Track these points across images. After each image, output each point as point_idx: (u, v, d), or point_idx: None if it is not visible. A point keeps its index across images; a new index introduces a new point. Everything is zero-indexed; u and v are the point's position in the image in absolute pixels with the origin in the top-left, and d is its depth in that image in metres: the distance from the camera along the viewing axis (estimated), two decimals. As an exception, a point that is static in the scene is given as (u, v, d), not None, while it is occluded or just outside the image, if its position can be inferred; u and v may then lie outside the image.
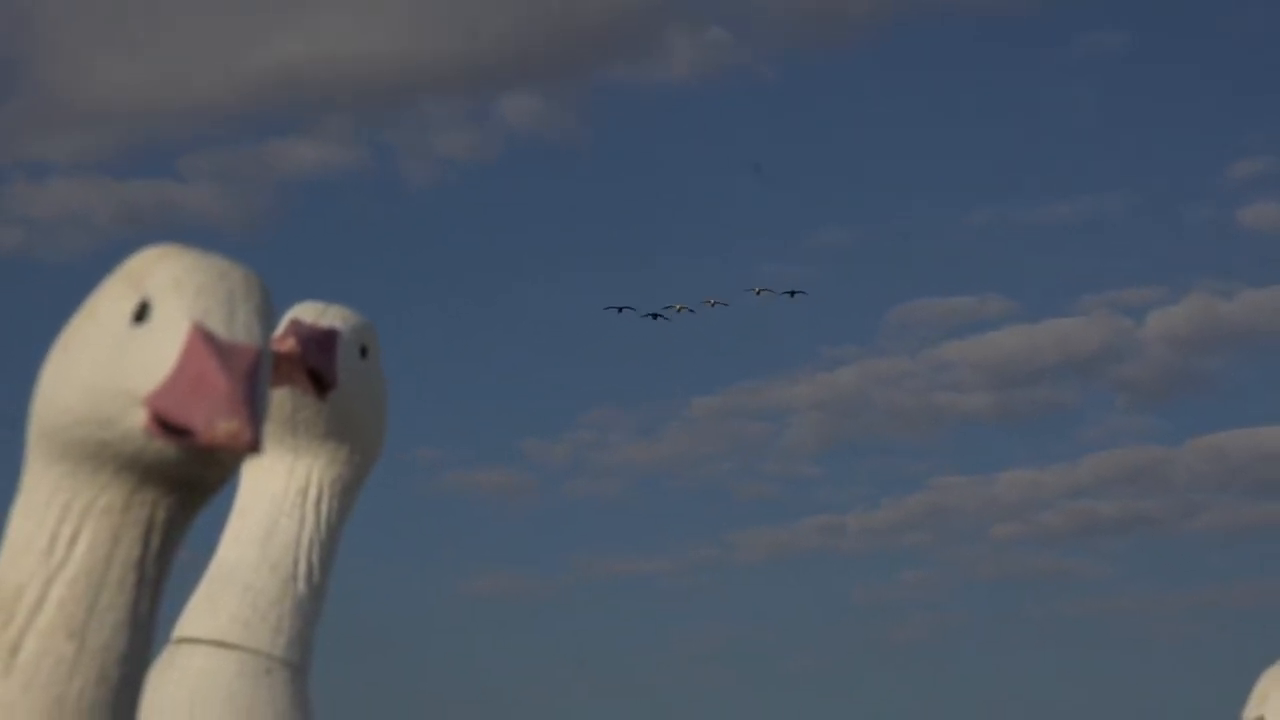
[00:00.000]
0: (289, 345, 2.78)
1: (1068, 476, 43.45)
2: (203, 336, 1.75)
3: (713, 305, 34.82)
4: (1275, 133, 48.17)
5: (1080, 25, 48.39)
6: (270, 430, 2.81)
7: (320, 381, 2.81)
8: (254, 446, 1.69)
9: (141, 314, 1.79)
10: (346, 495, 2.90)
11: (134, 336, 1.78)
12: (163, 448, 1.75)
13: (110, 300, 1.83)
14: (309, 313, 2.86)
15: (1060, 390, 45.91)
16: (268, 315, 1.81)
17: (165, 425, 1.74)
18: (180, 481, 1.79)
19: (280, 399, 2.81)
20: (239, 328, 1.77)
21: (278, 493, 2.86)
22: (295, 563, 2.81)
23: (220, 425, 1.69)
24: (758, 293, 34.80)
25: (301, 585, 2.81)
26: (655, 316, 33.66)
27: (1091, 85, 48.09)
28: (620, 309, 33.72)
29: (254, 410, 1.70)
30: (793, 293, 35.58)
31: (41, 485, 1.82)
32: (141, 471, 1.78)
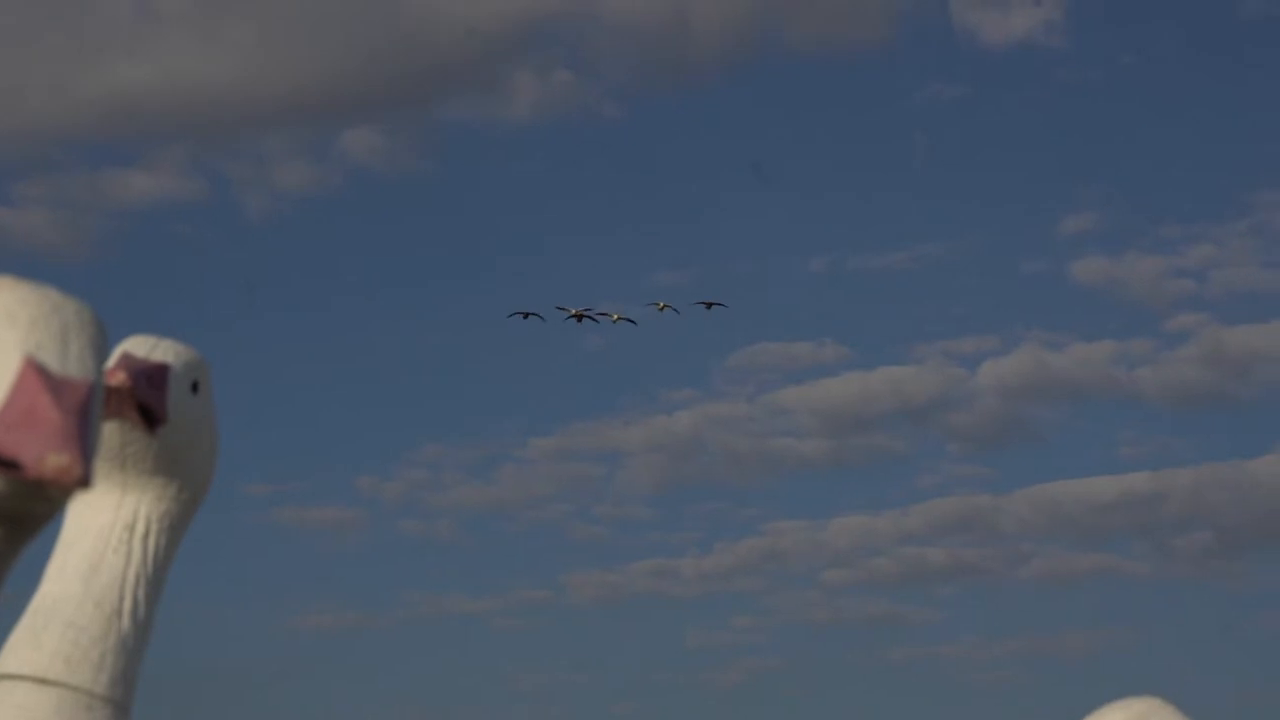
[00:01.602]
0: (120, 379, 2.76)
1: (899, 523, 44.01)
2: (35, 370, 1.74)
3: (616, 321, 34.60)
4: (1107, 188, 49.16)
5: (919, 76, 49.14)
6: (98, 464, 2.79)
7: (150, 416, 2.80)
8: (84, 481, 1.69)
9: (-29, 346, 1.77)
10: (174, 531, 2.88)
11: (-37, 368, 1.77)
12: (-10, 480, 1.74)
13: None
14: (140, 347, 2.84)
15: (894, 437, 46.40)
16: (101, 349, 1.81)
17: (-7, 458, 1.72)
18: (7, 515, 1.77)
19: (110, 433, 2.79)
20: (72, 362, 1.77)
21: (104, 527, 2.84)
22: (120, 599, 2.79)
23: (50, 459, 1.68)
24: (661, 308, 34.59)
25: (126, 622, 2.78)
26: (580, 318, 33.30)
27: (929, 135, 48.81)
28: (526, 315, 33.40)
29: (85, 445, 1.69)
30: (710, 304, 35.36)
31: None
32: (-33, 504, 1.76)
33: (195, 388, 2.89)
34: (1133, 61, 49.45)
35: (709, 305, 35.58)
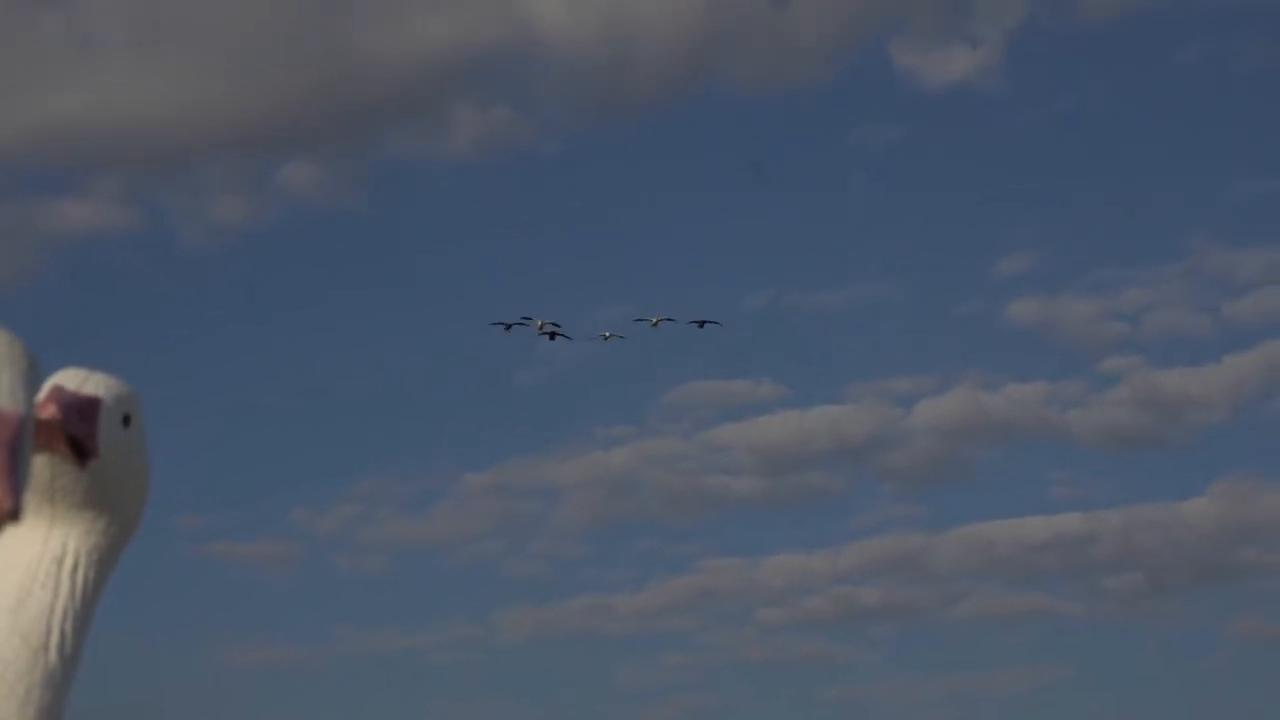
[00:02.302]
0: (50, 412, 2.74)
1: (834, 562, 43.95)
2: (-37, 403, 1.73)
3: (607, 339, 34.42)
4: (1041, 230, 49.36)
5: (858, 117, 49.33)
6: (27, 498, 2.77)
7: (80, 449, 2.78)
8: (14, 514, 1.68)
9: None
10: (103, 564, 2.87)
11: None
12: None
13: None
14: (71, 379, 2.83)
15: (829, 476, 46.44)
16: (32, 381, 1.80)
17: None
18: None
19: (39, 466, 2.77)
20: (3, 394, 1.76)
21: (32, 561, 2.82)
22: (47, 633, 2.77)
23: (-22, 492, 1.67)
24: (655, 323, 34.37)
25: (53, 656, 2.76)
26: (552, 336, 33.16)
27: (867, 176, 48.90)
28: (508, 325, 33.20)
29: (15, 478, 1.68)
30: (701, 323, 35.14)
31: None
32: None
33: (127, 421, 2.88)
34: (1069, 105, 49.75)
35: (701, 324, 35.44)
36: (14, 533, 2.82)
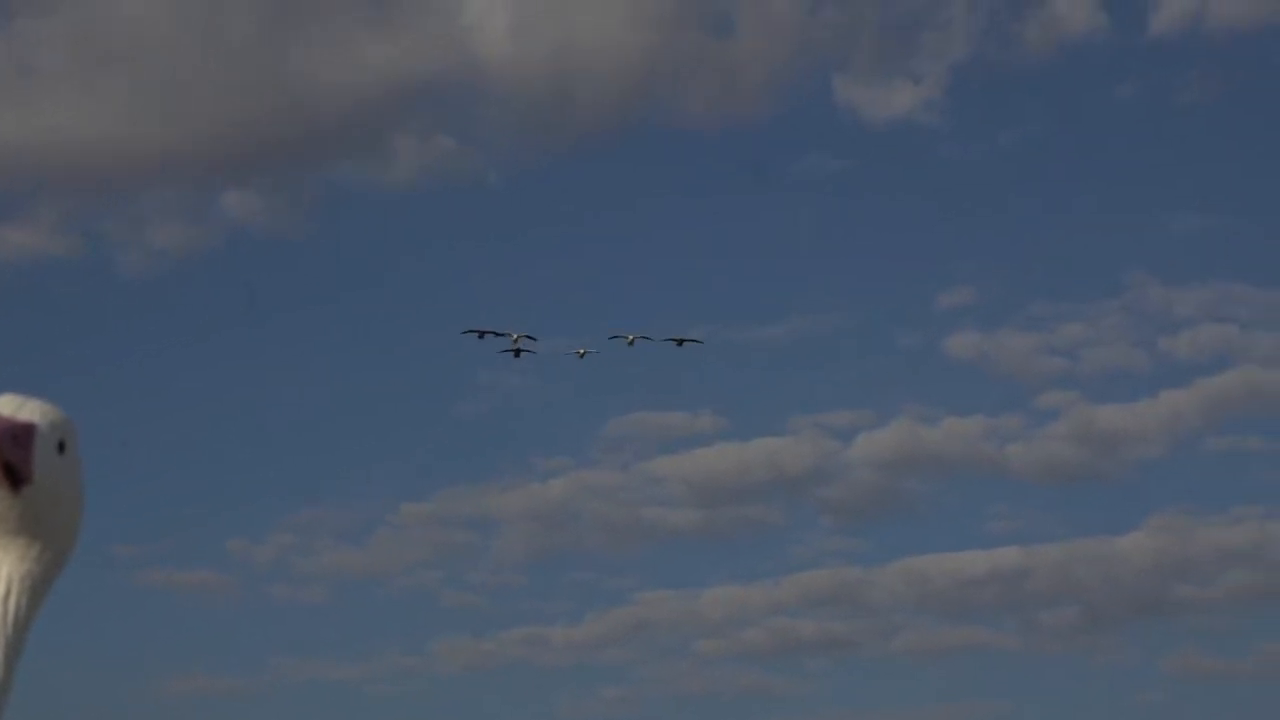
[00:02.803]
0: (-16, 438, 2.74)
1: (772, 594, 43.94)
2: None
3: (582, 355, 34.24)
4: (980, 264, 49.56)
5: (801, 150, 49.46)
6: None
7: (15, 476, 2.78)
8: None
9: None
10: (36, 592, 2.85)
11: None
12: None
13: None
14: (7, 406, 2.82)
15: (768, 509, 46.39)
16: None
17: None
18: None
19: (-27, 492, 2.76)
20: None
21: (-35, 587, 2.81)
22: (-21, 659, 2.76)
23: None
24: (630, 341, 34.16)
25: (-15, 683, 2.75)
26: (517, 354, 33.00)
27: (809, 209, 48.96)
28: (481, 334, 33.11)
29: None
30: (680, 340, 34.91)
31: None
32: None
33: (61, 447, 2.87)
34: (1010, 141, 50.03)
35: (680, 342, 35.28)
36: (-53, 558, 2.81)
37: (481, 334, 31.82)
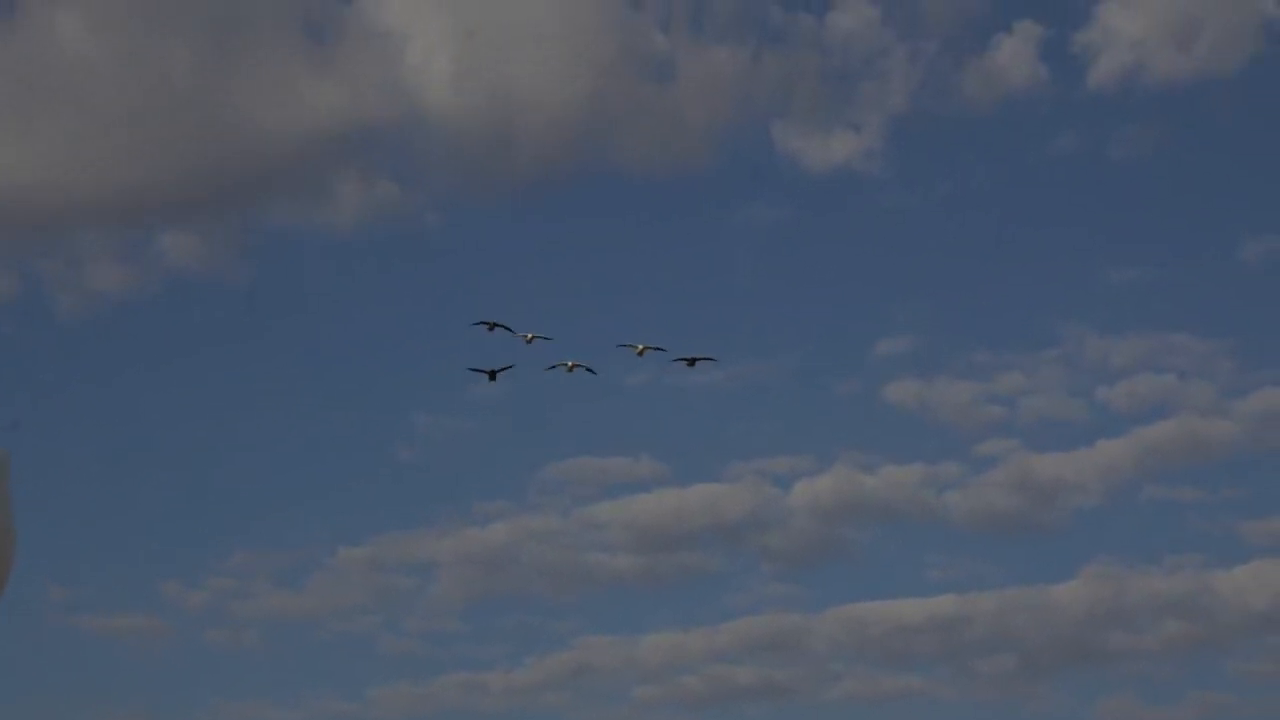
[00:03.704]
0: (-86, 473, 2.67)
1: (710, 641, 44.07)
2: None
3: (571, 369, 33.96)
4: (920, 313, 49.92)
5: (741, 198, 49.71)
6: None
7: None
8: None
9: None
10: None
11: None
12: None
13: None
14: (-62, 440, 2.75)
15: (707, 555, 46.60)
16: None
17: None
18: None
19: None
20: None
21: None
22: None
23: None
24: (640, 352, 33.87)
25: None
26: (493, 376, 32.66)
27: (749, 256, 49.29)
28: (491, 326, 32.73)
29: None
30: (692, 360, 34.55)
31: None
32: None
33: (-8, 483, 2.81)
34: (949, 190, 50.34)
35: (691, 361, 34.91)
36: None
37: (492, 326, 31.52)
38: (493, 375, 32.78)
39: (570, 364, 33.50)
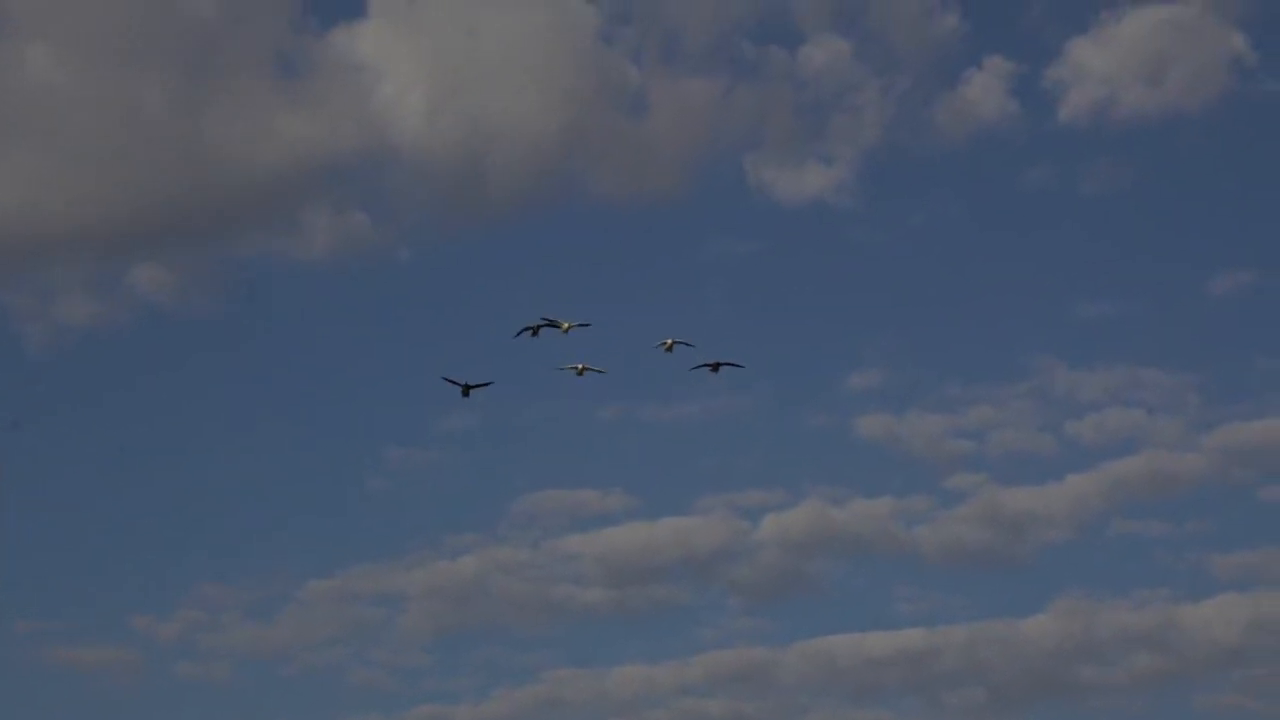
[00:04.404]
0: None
1: (680, 674, 44.63)
2: None
3: (581, 372, 33.99)
4: (891, 347, 50.46)
5: (714, 230, 50.35)
6: None
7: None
8: None
9: None
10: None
11: None
12: None
13: None
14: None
15: (677, 588, 47.15)
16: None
17: None
18: None
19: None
20: None
21: None
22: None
23: None
24: (668, 347, 33.88)
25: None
26: (466, 392, 32.45)
27: (721, 287, 50.05)
28: (535, 330, 32.43)
29: None
30: (716, 365, 34.33)
31: None
32: None
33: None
34: (920, 223, 50.91)
35: (716, 367, 34.68)
36: None
37: (536, 330, 31.21)
38: (466, 390, 32.79)
39: (580, 366, 33.70)
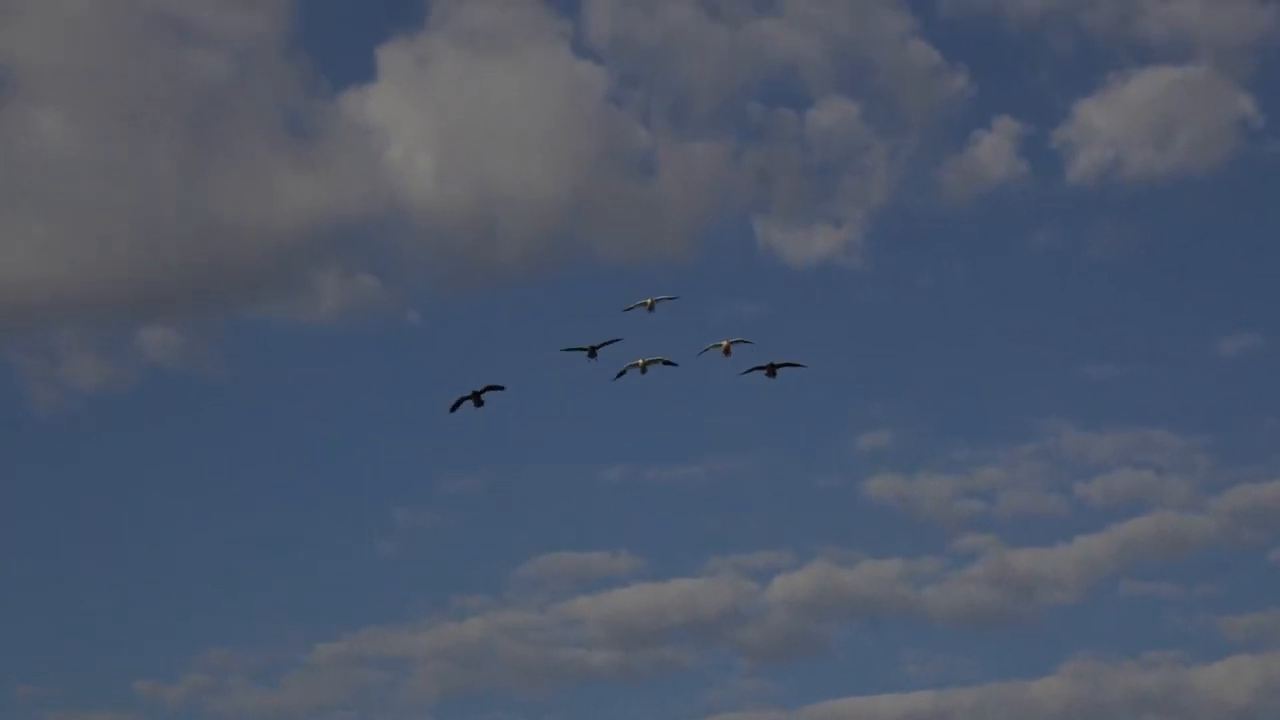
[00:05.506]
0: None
1: (688, 737, 43.80)
2: None
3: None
4: (899, 408, 50.05)
5: (722, 293, 49.99)
6: None
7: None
8: None
9: None
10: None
11: None
12: None
13: None
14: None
15: (684, 651, 46.52)
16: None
17: None
18: None
19: None
20: None
21: None
22: None
23: None
24: (725, 350, 33.23)
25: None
26: (472, 401, 31.88)
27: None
28: (593, 351, 31.73)
29: None
30: (773, 369, 33.58)
31: None
32: None
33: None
34: (928, 285, 50.60)
35: (772, 371, 32.96)
36: None
37: (593, 351, 30.56)
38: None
39: (643, 362, 33.03)
